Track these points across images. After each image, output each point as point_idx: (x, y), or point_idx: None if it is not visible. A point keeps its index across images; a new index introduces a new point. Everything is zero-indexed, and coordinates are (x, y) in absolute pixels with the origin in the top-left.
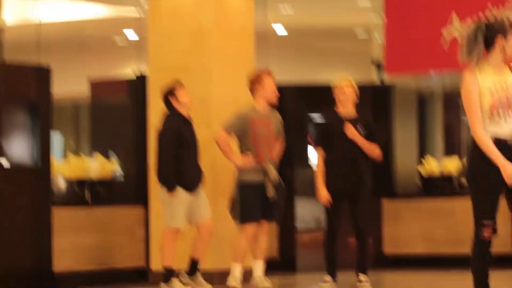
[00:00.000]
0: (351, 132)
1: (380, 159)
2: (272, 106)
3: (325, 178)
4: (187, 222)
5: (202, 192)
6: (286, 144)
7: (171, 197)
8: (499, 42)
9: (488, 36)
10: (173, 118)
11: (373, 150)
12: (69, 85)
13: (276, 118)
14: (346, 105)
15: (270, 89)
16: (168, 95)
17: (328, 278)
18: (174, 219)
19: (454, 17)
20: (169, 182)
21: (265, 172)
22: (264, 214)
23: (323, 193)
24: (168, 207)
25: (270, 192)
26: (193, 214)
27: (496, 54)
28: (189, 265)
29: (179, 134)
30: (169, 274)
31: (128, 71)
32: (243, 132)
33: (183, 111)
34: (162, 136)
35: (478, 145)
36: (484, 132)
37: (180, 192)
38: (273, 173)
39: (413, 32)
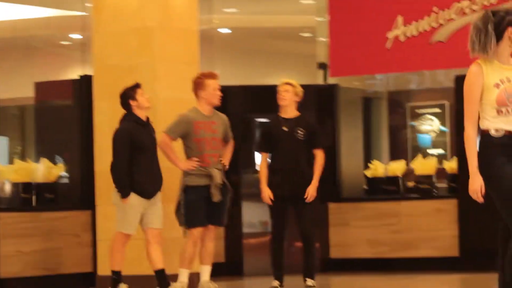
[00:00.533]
0: (311, 194)
1: (323, 161)
2: (217, 108)
3: (269, 182)
4: (138, 227)
5: (158, 199)
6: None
7: (124, 203)
8: (508, 33)
9: (497, 26)
10: (129, 120)
11: (321, 169)
12: (14, 88)
13: (221, 120)
14: (286, 108)
15: (213, 91)
16: (127, 97)
17: (275, 283)
18: (125, 224)
19: (400, 20)
20: (122, 187)
21: (210, 176)
22: (210, 218)
23: (266, 192)
24: (121, 211)
25: (215, 196)
26: (144, 219)
27: (504, 45)
28: (158, 279)
29: (134, 137)
30: (117, 278)
31: (74, 71)
32: (186, 135)
33: (141, 114)
34: (116, 139)
35: (486, 144)
36: (474, 131)
37: (134, 198)
38: (218, 177)
39: (358, 34)
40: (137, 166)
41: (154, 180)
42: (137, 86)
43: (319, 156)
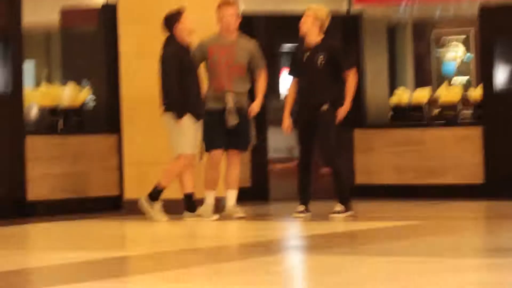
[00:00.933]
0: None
1: (355, 82)
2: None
3: (294, 108)
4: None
5: (199, 123)
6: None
7: (180, 125)
8: None
9: None
10: (173, 44)
11: (352, 91)
12: (40, 13)
13: (245, 46)
14: (309, 34)
15: (226, 18)
16: (174, 20)
17: (301, 207)
18: (187, 146)
19: None
20: (177, 109)
21: (224, 101)
22: (232, 143)
23: (286, 121)
24: (178, 134)
25: (229, 121)
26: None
27: None
28: (185, 203)
29: (182, 59)
30: (192, 202)
31: None
32: (203, 61)
33: (185, 38)
34: (165, 61)
35: None
36: None
37: (188, 118)
38: (231, 101)
39: None
40: (186, 88)
41: (202, 101)
42: (183, 10)
43: (350, 78)
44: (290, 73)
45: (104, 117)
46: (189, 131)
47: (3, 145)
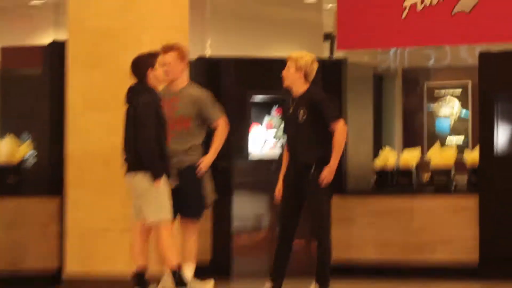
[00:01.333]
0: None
1: (344, 134)
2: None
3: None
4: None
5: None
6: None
7: (157, 186)
8: None
9: None
10: (147, 93)
11: (339, 146)
12: None
13: (189, 96)
14: (292, 86)
15: (162, 67)
16: (147, 65)
17: (268, 285)
18: (165, 209)
19: None
20: (156, 168)
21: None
22: (180, 209)
23: (278, 186)
24: (156, 197)
25: (171, 182)
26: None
27: None
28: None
29: (157, 112)
30: (179, 274)
31: (45, 36)
32: None
33: (157, 86)
34: (143, 114)
35: None
36: None
37: (164, 179)
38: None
39: (370, 1)
40: (162, 144)
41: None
42: (158, 54)
43: (337, 131)
44: (283, 130)
45: (45, 177)
46: (165, 193)
47: None
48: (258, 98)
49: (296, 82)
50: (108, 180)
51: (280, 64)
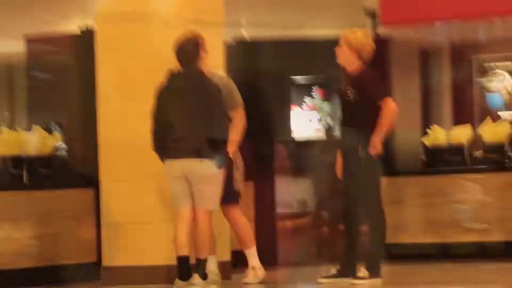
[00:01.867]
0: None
1: (391, 112)
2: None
3: None
4: None
5: None
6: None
7: (222, 173)
8: None
9: None
10: (208, 78)
11: (383, 121)
12: (1, 42)
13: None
14: (346, 66)
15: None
16: (200, 47)
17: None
18: (217, 200)
19: None
20: (224, 154)
21: None
22: None
23: (337, 165)
24: (219, 186)
25: None
26: None
27: None
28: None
29: None
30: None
31: (72, 23)
32: None
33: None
34: (218, 96)
35: None
36: None
37: None
38: None
39: None
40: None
41: None
42: (203, 37)
43: (383, 109)
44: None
45: (78, 168)
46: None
47: None
48: (299, 79)
49: (348, 61)
50: (142, 170)
51: (319, 44)
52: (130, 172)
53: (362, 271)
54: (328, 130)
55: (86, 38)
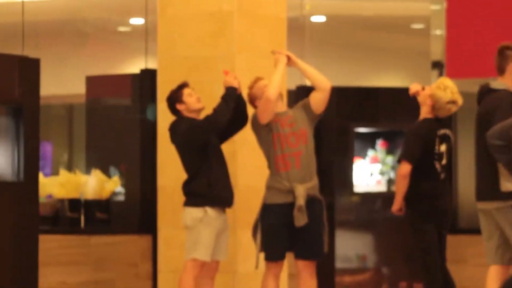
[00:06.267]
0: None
1: (400, 176)
2: None
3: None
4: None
5: None
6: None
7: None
8: None
9: None
10: None
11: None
12: (62, 82)
13: None
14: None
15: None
16: (173, 101)
17: None
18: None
19: None
20: None
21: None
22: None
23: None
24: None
25: (299, 219)
26: None
27: None
28: None
29: None
30: None
31: (134, 64)
32: None
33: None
34: None
35: None
36: None
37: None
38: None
39: (481, 27)
40: None
41: None
42: (183, 85)
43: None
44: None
45: (136, 213)
46: None
47: (11, 245)
48: (362, 130)
49: (422, 106)
50: None
51: (384, 93)
52: None
53: None
54: (390, 183)
55: (146, 79)
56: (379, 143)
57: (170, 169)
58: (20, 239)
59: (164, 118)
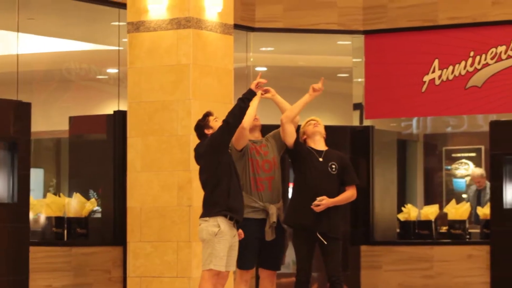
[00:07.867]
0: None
1: (354, 198)
2: None
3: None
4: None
5: None
6: None
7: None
8: None
9: None
10: None
11: (348, 198)
12: (50, 120)
13: None
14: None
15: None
16: (202, 128)
17: None
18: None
19: (436, 63)
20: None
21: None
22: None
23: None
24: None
25: (269, 235)
26: None
27: None
28: None
29: None
30: None
31: (109, 106)
32: None
33: None
34: None
35: None
36: None
37: None
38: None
39: (393, 76)
40: None
41: None
42: (208, 114)
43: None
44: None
45: (109, 229)
46: None
47: (6, 255)
48: None
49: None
50: (163, 233)
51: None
52: (151, 235)
53: None
54: None
55: (119, 118)
56: None
57: (138, 193)
58: (14, 250)
59: (132, 151)
